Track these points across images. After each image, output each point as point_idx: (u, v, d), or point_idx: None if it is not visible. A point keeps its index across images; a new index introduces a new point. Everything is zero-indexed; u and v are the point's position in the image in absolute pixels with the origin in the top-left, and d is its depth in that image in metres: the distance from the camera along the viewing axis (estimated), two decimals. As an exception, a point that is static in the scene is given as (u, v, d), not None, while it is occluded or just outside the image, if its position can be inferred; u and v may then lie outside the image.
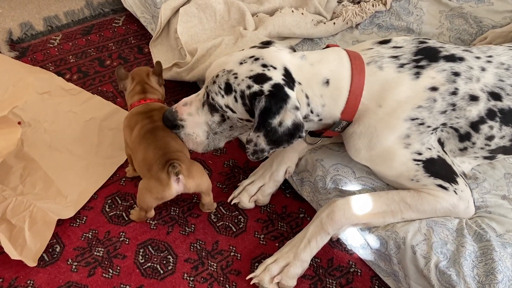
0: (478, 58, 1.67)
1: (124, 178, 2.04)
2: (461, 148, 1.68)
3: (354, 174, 1.79)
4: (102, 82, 2.41)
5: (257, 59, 1.59)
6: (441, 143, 1.67)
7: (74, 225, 1.89)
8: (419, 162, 1.62)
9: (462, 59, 1.64)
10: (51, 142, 2.09)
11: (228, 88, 1.60)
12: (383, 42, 1.71)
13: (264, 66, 1.58)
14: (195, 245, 1.87)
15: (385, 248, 1.67)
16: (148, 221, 1.92)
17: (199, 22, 2.35)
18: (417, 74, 1.59)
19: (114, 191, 2.00)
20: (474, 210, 1.69)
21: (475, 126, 1.63)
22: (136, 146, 1.79)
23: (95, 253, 1.82)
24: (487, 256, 1.54)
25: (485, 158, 1.75)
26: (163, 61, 2.36)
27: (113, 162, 2.07)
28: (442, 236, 1.60)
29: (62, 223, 1.87)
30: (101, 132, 2.16)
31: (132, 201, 1.97)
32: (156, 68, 1.99)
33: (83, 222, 1.90)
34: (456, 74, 1.60)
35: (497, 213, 1.67)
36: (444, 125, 1.63)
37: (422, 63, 1.61)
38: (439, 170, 1.63)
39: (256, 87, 1.55)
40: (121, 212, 1.94)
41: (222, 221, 1.94)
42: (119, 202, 1.97)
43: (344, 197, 1.73)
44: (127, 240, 1.87)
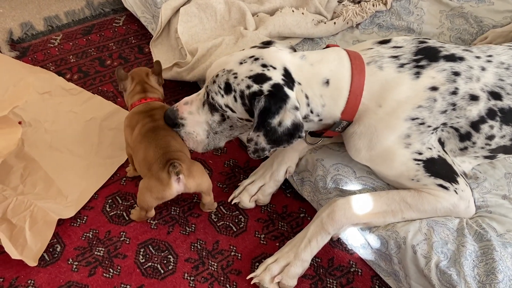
0: (478, 57, 1.66)
1: (124, 178, 2.04)
2: (461, 147, 1.68)
3: (355, 174, 1.79)
4: (103, 82, 2.41)
5: (257, 59, 1.59)
6: (441, 143, 1.67)
7: (75, 224, 1.89)
8: (420, 162, 1.62)
9: (462, 59, 1.64)
10: (52, 142, 2.09)
11: (227, 87, 1.60)
12: (383, 42, 1.70)
13: (263, 66, 1.58)
14: (196, 244, 1.87)
15: (385, 247, 1.67)
16: (148, 220, 1.92)
17: (200, 22, 2.35)
18: (417, 74, 1.59)
19: (114, 191, 2.00)
20: (475, 209, 1.69)
21: (476, 125, 1.63)
22: (136, 145, 1.79)
23: (96, 252, 1.82)
24: (488, 255, 1.54)
25: (485, 157, 1.75)
26: (164, 61, 2.36)
27: (113, 162, 2.07)
28: (443, 235, 1.59)
29: (62, 223, 1.87)
30: (101, 132, 2.16)
31: (132, 200, 1.97)
32: (155, 67, 1.99)
33: (84, 221, 1.91)
34: (456, 74, 1.60)
35: (497, 212, 1.67)
36: (444, 124, 1.63)
37: (422, 63, 1.61)
38: (440, 169, 1.63)
39: (255, 87, 1.55)
40: (121, 211, 1.94)
41: (223, 220, 1.94)
42: (120, 201, 1.97)
43: (344, 196, 1.72)
44: (128, 239, 1.87)
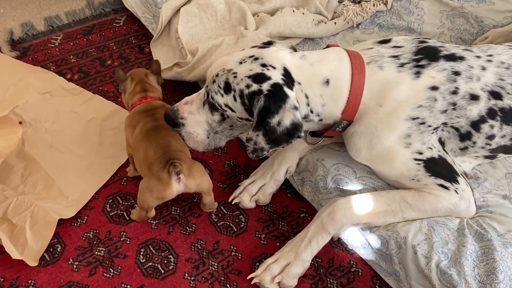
0: (478, 57, 1.66)
1: (125, 178, 2.04)
2: (461, 147, 1.68)
3: (355, 174, 1.79)
4: (103, 82, 2.41)
5: (256, 59, 1.59)
6: (441, 143, 1.66)
7: (75, 224, 1.90)
8: (420, 162, 1.62)
9: (462, 58, 1.64)
10: (52, 142, 2.09)
11: (227, 87, 1.60)
12: (384, 42, 1.70)
13: (263, 65, 1.58)
14: (196, 244, 1.87)
15: (386, 247, 1.67)
16: (149, 220, 1.92)
17: (200, 22, 2.35)
18: (417, 73, 1.59)
19: (115, 191, 2.00)
20: (475, 209, 1.69)
21: (476, 125, 1.63)
22: (137, 144, 1.79)
23: (96, 252, 1.83)
24: (488, 255, 1.54)
25: (486, 157, 1.75)
26: (164, 60, 2.36)
27: (114, 162, 2.07)
28: (443, 235, 1.59)
29: (63, 223, 1.87)
30: (102, 132, 2.16)
31: (133, 200, 1.97)
32: (154, 66, 1.99)
33: (84, 221, 1.91)
34: (456, 73, 1.60)
35: (498, 212, 1.67)
36: (444, 124, 1.63)
37: (422, 63, 1.61)
38: (440, 169, 1.63)
39: (255, 87, 1.55)
40: (122, 211, 1.94)
41: (223, 220, 1.94)
42: (120, 201, 1.97)
43: (345, 196, 1.72)
44: (128, 239, 1.87)
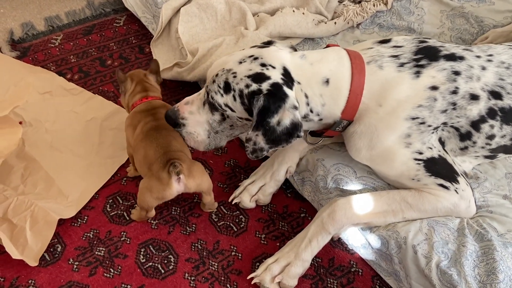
0: (478, 57, 1.66)
1: (125, 178, 2.04)
2: (462, 147, 1.68)
3: (355, 174, 1.79)
4: (103, 82, 2.41)
5: (256, 59, 1.59)
6: (441, 143, 1.66)
7: (75, 224, 1.90)
8: (420, 162, 1.62)
9: (462, 58, 1.64)
10: (52, 142, 2.09)
11: (227, 87, 1.60)
12: (384, 42, 1.70)
13: (263, 65, 1.58)
14: (196, 244, 1.87)
15: (386, 247, 1.67)
16: (149, 220, 1.92)
17: (200, 22, 2.35)
18: (417, 73, 1.59)
19: (115, 191, 2.00)
20: (475, 209, 1.69)
21: (476, 125, 1.63)
22: (138, 144, 1.79)
23: (96, 252, 1.83)
24: (488, 255, 1.54)
25: (486, 157, 1.75)
26: (164, 61, 2.36)
27: (114, 162, 2.07)
28: (443, 235, 1.59)
29: (63, 223, 1.87)
30: (102, 132, 2.16)
31: (133, 200, 1.97)
32: (152, 66, 1.99)
33: (84, 221, 1.91)
34: (456, 73, 1.60)
35: (498, 212, 1.67)
36: (444, 124, 1.63)
37: (422, 62, 1.61)
38: (440, 169, 1.63)
39: (254, 86, 1.55)
40: (122, 211, 1.94)
41: (223, 220, 1.94)
42: (120, 201, 1.97)
43: (345, 196, 1.72)
44: (128, 239, 1.87)
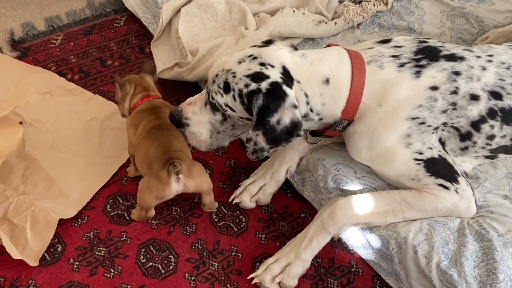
0: (478, 57, 1.66)
1: (125, 178, 2.04)
2: (462, 147, 1.68)
3: (355, 174, 1.79)
4: (104, 82, 2.41)
5: (255, 58, 1.59)
6: (442, 143, 1.66)
7: (76, 224, 1.90)
8: (420, 162, 1.62)
9: (462, 59, 1.64)
10: (53, 142, 2.09)
11: (226, 87, 1.60)
12: (384, 42, 1.70)
13: (262, 64, 1.58)
14: (197, 244, 1.87)
15: (386, 248, 1.67)
16: (149, 220, 1.92)
17: (201, 22, 2.35)
18: (417, 73, 1.59)
19: (115, 191, 2.01)
20: (476, 209, 1.69)
21: (476, 125, 1.63)
22: (139, 142, 1.80)
23: (97, 252, 1.83)
24: (489, 256, 1.54)
25: (486, 157, 1.75)
26: (165, 61, 2.36)
27: (114, 162, 2.07)
28: (444, 236, 1.59)
29: (63, 223, 1.87)
30: (102, 132, 2.16)
31: (133, 200, 1.97)
32: (146, 66, 1.99)
33: (85, 221, 1.91)
34: (456, 73, 1.60)
35: (498, 212, 1.67)
36: (445, 124, 1.63)
37: (423, 63, 1.61)
38: (440, 169, 1.63)
39: (253, 86, 1.55)
40: (122, 211, 1.94)
41: (224, 220, 1.94)
42: (121, 201, 1.97)
43: (345, 196, 1.72)
44: (129, 239, 1.87)
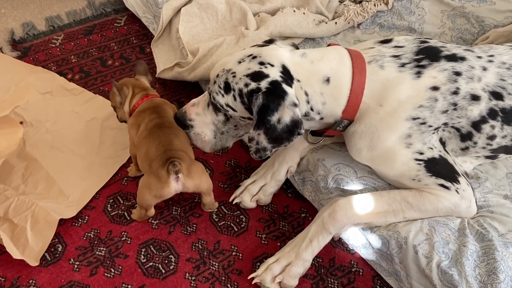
0: (479, 57, 1.66)
1: (126, 178, 2.05)
2: (462, 147, 1.68)
3: (356, 174, 1.79)
4: (104, 82, 2.41)
5: (254, 57, 1.60)
6: (442, 143, 1.66)
7: (76, 224, 1.90)
8: (421, 162, 1.62)
9: (463, 59, 1.63)
10: (53, 142, 2.09)
11: (227, 87, 1.60)
12: (385, 42, 1.70)
13: (261, 63, 1.58)
14: (197, 244, 1.87)
15: (387, 247, 1.67)
16: (150, 220, 1.92)
17: (201, 22, 2.35)
18: (418, 73, 1.59)
19: (116, 191, 2.01)
20: (476, 209, 1.69)
21: (477, 125, 1.63)
22: (141, 140, 1.80)
23: (97, 252, 1.83)
24: (489, 255, 1.54)
25: (487, 157, 1.75)
26: (165, 60, 2.36)
27: (115, 162, 2.07)
28: (444, 235, 1.59)
29: (64, 223, 1.87)
30: (103, 131, 2.16)
31: (134, 200, 1.97)
32: (139, 67, 1.99)
33: (85, 221, 1.91)
34: (457, 74, 1.60)
35: (499, 212, 1.67)
36: (445, 124, 1.62)
37: (423, 63, 1.61)
38: (441, 169, 1.63)
39: (253, 85, 1.55)
40: (123, 211, 1.94)
41: (224, 220, 1.94)
42: (121, 201, 1.97)
43: (345, 196, 1.72)
44: (129, 239, 1.87)
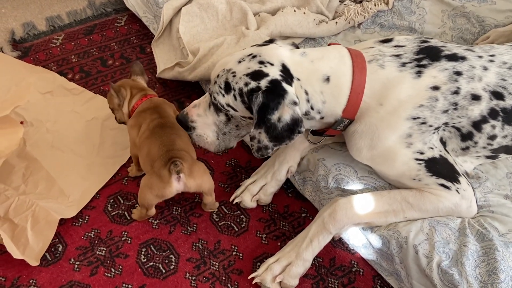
0: (480, 57, 1.66)
1: (126, 178, 2.05)
2: (463, 147, 1.68)
3: (356, 174, 1.79)
4: (104, 82, 2.41)
5: (254, 57, 1.60)
6: (443, 143, 1.66)
7: (77, 224, 1.90)
8: (421, 162, 1.62)
9: (464, 58, 1.63)
10: (53, 142, 2.10)
11: (227, 87, 1.60)
12: (385, 41, 1.70)
13: (261, 63, 1.58)
14: (197, 244, 1.87)
15: (387, 247, 1.67)
16: (150, 220, 1.92)
17: (201, 21, 2.35)
18: (418, 73, 1.59)
19: (116, 191, 2.01)
20: (477, 209, 1.69)
21: (477, 125, 1.63)
22: (143, 141, 1.80)
23: (97, 252, 1.83)
24: (490, 255, 1.54)
25: (487, 157, 1.75)
26: (165, 60, 2.36)
27: (115, 162, 2.07)
28: (445, 235, 1.59)
29: (64, 223, 1.87)
30: (103, 131, 2.16)
31: (134, 200, 1.97)
32: (134, 68, 2.00)
33: (85, 221, 1.91)
34: (458, 73, 1.60)
35: (499, 212, 1.67)
36: (446, 124, 1.62)
37: (424, 62, 1.61)
38: (441, 169, 1.63)
39: (253, 84, 1.55)
40: (123, 211, 1.94)
41: (224, 220, 1.94)
42: (121, 201, 1.97)
43: (346, 196, 1.72)
44: (129, 239, 1.87)
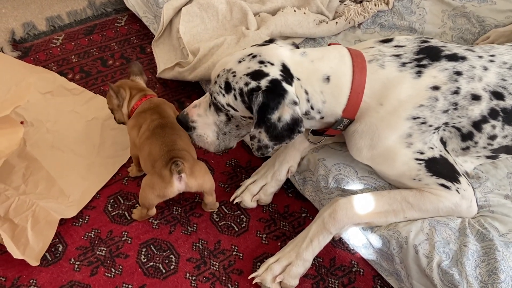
0: (480, 57, 1.66)
1: (126, 178, 2.05)
2: (463, 147, 1.68)
3: (356, 174, 1.79)
4: (105, 82, 2.41)
5: (254, 56, 1.60)
6: (443, 143, 1.66)
7: (77, 224, 1.90)
8: (421, 162, 1.62)
9: (464, 58, 1.63)
10: (54, 142, 2.10)
11: (227, 87, 1.60)
12: (385, 41, 1.70)
13: (261, 62, 1.58)
14: (197, 244, 1.87)
15: (387, 247, 1.67)
16: (150, 220, 1.92)
17: (201, 21, 2.35)
18: (418, 73, 1.59)
19: (116, 191, 2.01)
20: (477, 209, 1.69)
21: (478, 125, 1.63)
22: (144, 141, 1.80)
23: (98, 252, 1.83)
24: (490, 255, 1.54)
25: (487, 157, 1.75)
26: (166, 60, 2.36)
27: (115, 162, 2.07)
28: (445, 235, 1.59)
29: (64, 223, 1.87)
30: (103, 131, 2.17)
31: (134, 200, 1.97)
32: (133, 68, 2.00)
33: (86, 221, 1.91)
34: (458, 73, 1.60)
35: (499, 212, 1.67)
36: (446, 124, 1.62)
37: (424, 62, 1.61)
38: (441, 169, 1.63)
39: (253, 84, 1.56)
40: (123, 211, 1.94)
41: (224, 220, 1.94)
42: (122, 201, 1.97)
43: (346, 196, 1.72)
44: (130, 239, 1.87)
